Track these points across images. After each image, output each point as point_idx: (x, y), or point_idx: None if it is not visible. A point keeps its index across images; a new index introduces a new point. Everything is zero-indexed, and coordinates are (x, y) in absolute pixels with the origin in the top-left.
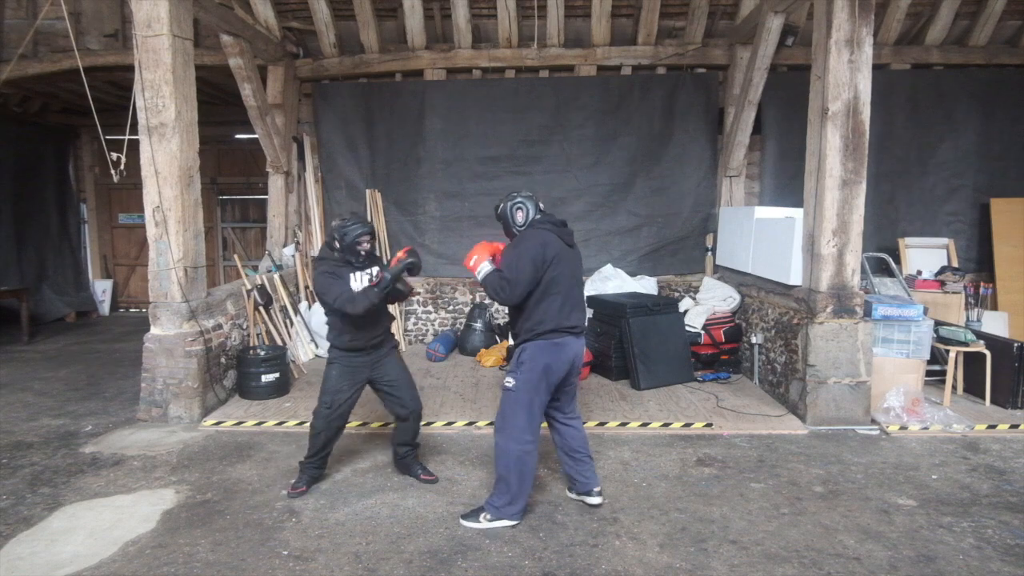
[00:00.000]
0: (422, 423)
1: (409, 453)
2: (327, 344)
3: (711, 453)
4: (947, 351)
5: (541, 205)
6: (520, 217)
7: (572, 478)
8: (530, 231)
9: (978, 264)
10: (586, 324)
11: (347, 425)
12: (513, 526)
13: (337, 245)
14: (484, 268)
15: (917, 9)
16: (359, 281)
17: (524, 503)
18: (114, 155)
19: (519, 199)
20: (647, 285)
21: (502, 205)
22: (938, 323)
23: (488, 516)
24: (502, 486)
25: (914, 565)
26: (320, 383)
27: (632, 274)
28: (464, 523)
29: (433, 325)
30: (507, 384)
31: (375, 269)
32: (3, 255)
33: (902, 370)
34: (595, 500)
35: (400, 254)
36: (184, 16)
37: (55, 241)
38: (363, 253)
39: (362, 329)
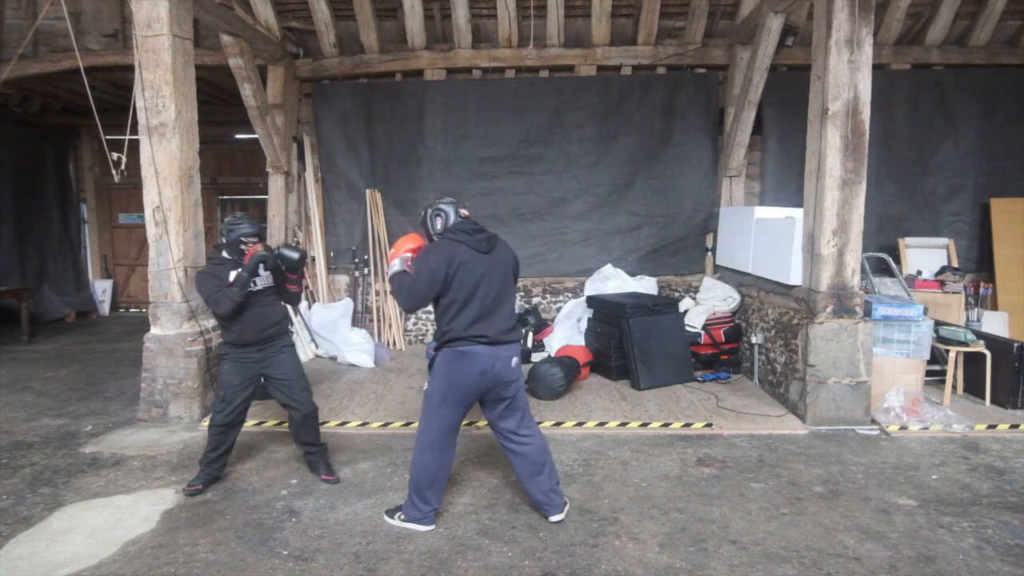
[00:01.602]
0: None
1: (313, 451)
2: (327, 344)
3: (711, 453)
4: (947, 351)
5: (464, 212)
6: (439, 224)
7: (540, 504)
8: (438, 242)
9: (978, 264)
10: (521, 334)
11: (347, 425)
12: (424, 532)
13: (223, 241)
14: (394, 266)
15: (917, 9)
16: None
17: (437, 508)
18: (114, 155)
19: (440, 205)
20: (647, 285)
21: (424, 212)
22: (938, 323)
23: (402, 516)
24: (411, 491)
25: (914, 565)
26: (319, 383)
27: (632, 274)
28: (385, 517)
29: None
30: (424, 387)
31: (265, 274)
32: (4, 255)
33: (902, 370)
34: (557, 517)
35: (253, 248)
36: (184, 16)
37: (56, 241)
38: (245, 252)
39: (247, 323)
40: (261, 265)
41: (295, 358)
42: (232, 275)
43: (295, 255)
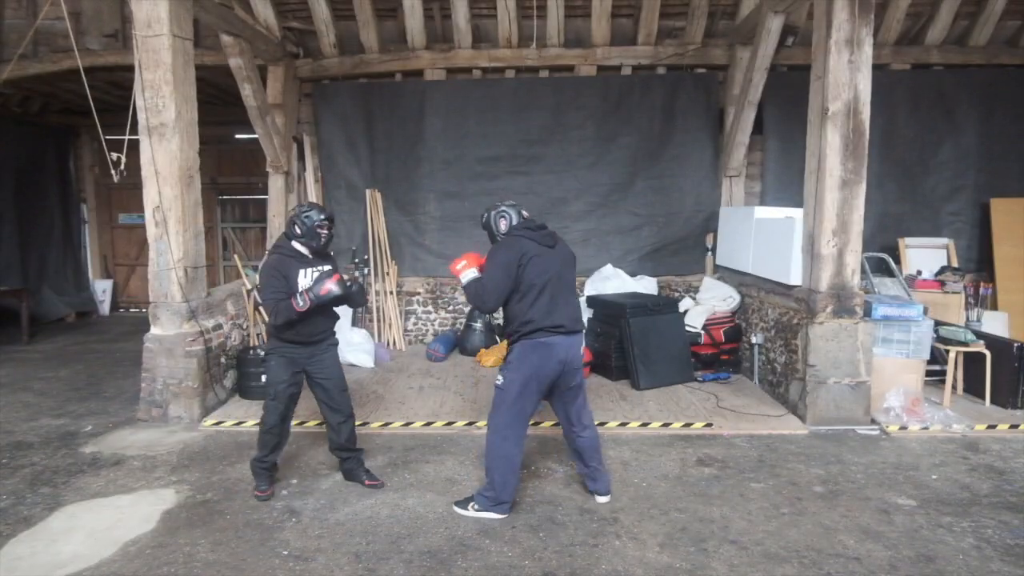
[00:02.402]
0: (423, 423)
1: (350, 457)
2: None
3: (711, 453)
4: (947, 351)
5: (525, 213)
6: (503, 225)
7: (584, 478)
8: (505, 239)
9: (978, 264)
10: (584, 324)
11: None
12: (500, 520)
13: (298, 231)
14: (469, 274)
15: (917, 9)
16: (307, 278)
17: (510, 500)
18: (114, 155)
19: (503, 208)
20: (647, 285)
21: (486, 214)
22: (938, 323)
23: (476, 506)
24: (488, 480)
25: (914, 565)
26: None
27: (632, 274)
28: (455, 508)
29: (433, 325)
30: (497, 382)
31: (327, 267)
32: (5, 255)
33: (902, 370)
34: (601, 499)
35: (330, 283)
36: (184, 16)
37: (57, 241)
38: (323, 239)
39: (303, 327)
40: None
41: (338, 359)
42: (301, 292)
43: (344, 291)
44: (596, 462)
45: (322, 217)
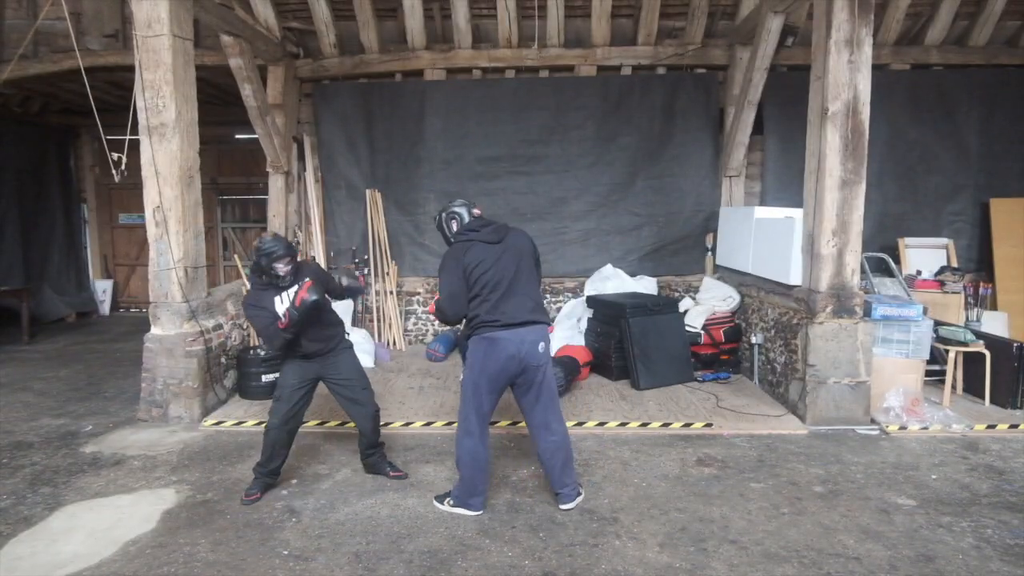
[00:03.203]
0: (423, 423)
1: (374, 453)
2: None
3: (711, 453)
4: (947, 351)
5: (476, 211)
6: (455, 226)
7: (559, 494)
8: (449, 250)
9: (978, 264)
10: (547, 314)
11: (347, 425)
12: (475, 517)
13: (260, 267)
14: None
15: (917, 9)
16: (284, 302)
17: (482, 496)
18: (115, 155)
19: (453, 209)
20: (647, 285)
21: (438, 217)
22: (938, 323)
23: (451, 501)
24: (460, 476)
25: (914, 565)
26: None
27: (632, 274)
28: (434, 501)
29: (433, 325)
30: (460, 378)
31: (296, 288)
32: (7, 255)
33: (902, 370)
34: (565, 505)
35: (302, 292)
36: (184, 16)
37: (59, 241)
38: (282, 275)
39: (305, 342)
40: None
41: (355, 359)
42: (281, 312)
43: (358, 288)
44: (561, 472)
45: (279, 252)
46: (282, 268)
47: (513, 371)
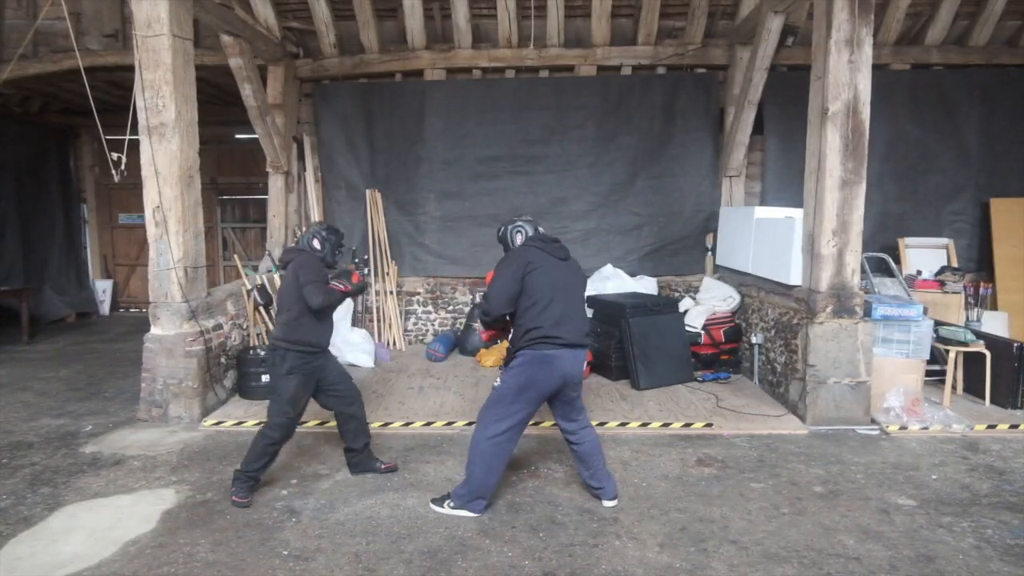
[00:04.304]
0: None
1: (363, 449)
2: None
3: (711, 453)
4: (947, 351)
5: (540, 229)
6: (519, 239)
7: (588, 485)
8: (512, 250)
9: (978, 264)
10: (589, 340)
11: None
12: (475, 518)
13: (321, 248)
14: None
15: (917, 9)
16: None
17: (487, 497)
18: (114, 155)
19: (519, 223)
20: (647, 285)
21: (503, 229)
22: (938, 323)
23: (452, 503)
24: (468, 476)
25: (914, 565)
26: None
27: (632, 274)
28: (431, 505)
29: (433, 325)
30: (496, 383)
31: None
32: (8, 255)
33: (902, 370)
34: (608, 503)
35: (356, 274)
36: (184, 16)
37: (59, 241)
38: (334, 259)
39: (325, 330)
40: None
41: (336, 359)
42: (340, 284)
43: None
44: (599, 463)
45: (343, 242)
46: (338, 255)
47: (559, 387)
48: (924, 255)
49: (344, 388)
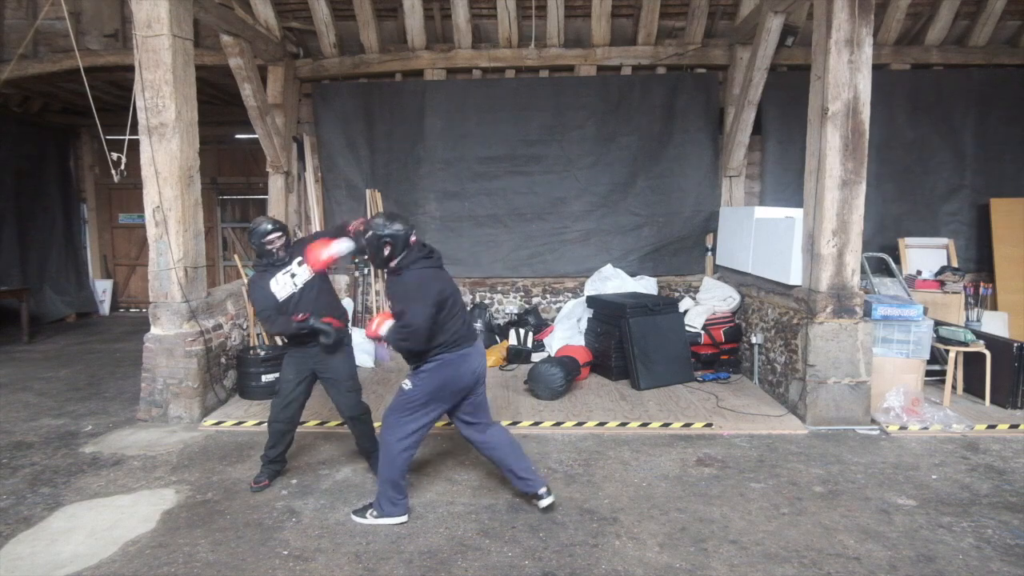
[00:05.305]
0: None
1: (375, 454)
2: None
3: (711, 453)
4: (947, 351)
5: (413, 238)
6: (388, 251)
7: (526, 486)
8: (418, 273)
9: (978, 264)
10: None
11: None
12: (401, 524)
13: (255, 249)
14: (387, 326)
15: (917, 9)
16: (279, 284)
17: (406, 498)
18: (114, 155)
19: (392, 230)
20: (647, 285)
21: (375, 235)
22: (938, 323)
23: (374, 512)
24: (385, 481)
25: (914, 565)
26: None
27: (632, 274)
28: (353, 517)
29: None
30: (404, 386)
31: (296, 264)
32: (7, 255)
33: (902, 370)
34: (545, 501)
35: (336, 323)
36: (184, 16)
37: (58, 241)
38: (275, 252)
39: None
40: (298, 267)
41: (348, 359)
42: (284, 279)
43: (334, 333)
44: (521, 454)
45: (267, 228)
46: (275, 243)
47: (470, 384)
48: (924, 255)
49: (336, 397)
